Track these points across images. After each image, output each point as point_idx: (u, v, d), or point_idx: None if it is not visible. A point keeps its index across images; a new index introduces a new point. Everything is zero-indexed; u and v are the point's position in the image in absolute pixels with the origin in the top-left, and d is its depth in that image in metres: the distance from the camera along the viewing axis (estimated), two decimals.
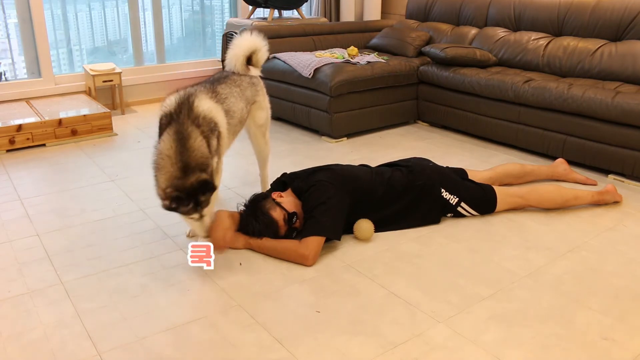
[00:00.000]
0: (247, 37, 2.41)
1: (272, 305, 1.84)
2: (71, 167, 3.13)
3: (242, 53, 2.39)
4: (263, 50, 2.46)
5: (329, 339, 1.67)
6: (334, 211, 2.16)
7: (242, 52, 2.39)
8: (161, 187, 1.89)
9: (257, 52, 2.44)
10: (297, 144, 3.58)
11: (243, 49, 2.39)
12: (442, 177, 2.44)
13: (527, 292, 1.92)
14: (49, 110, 3.74)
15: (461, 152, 3.40)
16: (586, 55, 3.40)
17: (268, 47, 2.50)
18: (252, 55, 2.43)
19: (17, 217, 2.49)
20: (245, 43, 2.40)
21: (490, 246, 2.25)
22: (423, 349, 1.63)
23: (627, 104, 2.82)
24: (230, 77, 2.35)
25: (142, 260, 2.12)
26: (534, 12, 3.79)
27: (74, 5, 4.38)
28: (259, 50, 2.44)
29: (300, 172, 2.41)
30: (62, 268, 2.06)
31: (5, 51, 4.15)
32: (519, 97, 3.28)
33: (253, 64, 2.47)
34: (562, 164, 2.92)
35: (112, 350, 1.62)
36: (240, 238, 2.20)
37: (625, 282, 1.99)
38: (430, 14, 4.52)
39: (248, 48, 2.40)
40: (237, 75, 2.38)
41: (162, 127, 1.98)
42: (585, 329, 1.73)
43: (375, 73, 3.67)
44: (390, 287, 1.94)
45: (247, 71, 2.43)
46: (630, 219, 2.50)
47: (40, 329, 1.71)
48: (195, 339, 1.67)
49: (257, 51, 2.44)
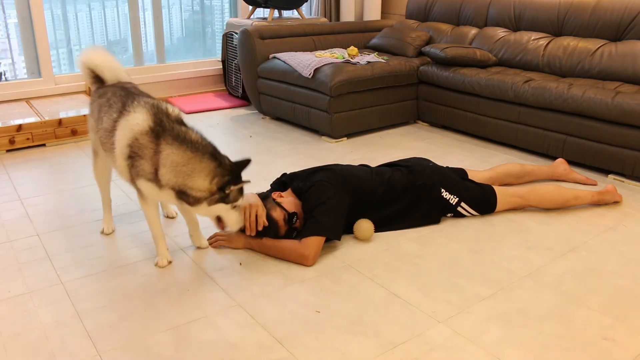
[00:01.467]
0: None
1: (272, 305, 1.84)
2: (71, 167, 3.13)
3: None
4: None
5: (329, 339, 1.67)
6: (334, 211, 2.16)
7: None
8: (202, 188, 1.82)
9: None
10: (297, 144, 3.58)
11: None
12: (442, 177, 2.44)
13: (527, 292, 1.92)
14: (49, 110, 3.74)
15: (461, 152, 3.40)
16: (586, 55, 3.40)
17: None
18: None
19: (17, 217, 2.49)
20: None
21: (490, 246, 2.25)
22: (423, 349, 1.63)
23: (627, 104, 2.82)
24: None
25: (142, 260, 2.12)
26: (534, 12, 3.79)
27: (74, 5, 4.38)
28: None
29: (300, 172, 2.41)
30: (62, 268, 2.06)
31: (5, 51, 4.15)
32: (519, 97, 3.28)
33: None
34: (562, 164, 2.92)
35: (112, 350, 1.61)
36: (240, 238, 2.20)
37: (625, 282, 1.99)
38: (430, 14, 4.52)
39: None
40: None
41: (143, 149, 1.83)
42: (585, 329, 1.73)
43: (375, 73, 3.67)
44: (390, 287, 1.94)
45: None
46: (630, 219, 2.50)
47: (40, 329, 1.71)
48: (195, 339, 1.67)
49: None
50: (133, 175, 1.90)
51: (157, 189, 1.88)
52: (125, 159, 1.88)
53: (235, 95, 4.77)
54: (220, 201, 1.86)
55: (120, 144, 1.88)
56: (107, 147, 1.98)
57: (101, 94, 2.11)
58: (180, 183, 1.83)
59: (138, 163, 1.86)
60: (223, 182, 1.83)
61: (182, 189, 1.84)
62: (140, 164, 1.85)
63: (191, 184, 1.82)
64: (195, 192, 1.83)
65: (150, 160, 1.84)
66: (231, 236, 2.21)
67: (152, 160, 1.83)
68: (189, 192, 1.84)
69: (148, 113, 1.87)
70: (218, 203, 1.87)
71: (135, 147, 1.85)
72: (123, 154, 1.88)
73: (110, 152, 1.97)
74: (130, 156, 1.86)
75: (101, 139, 2.02)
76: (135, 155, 1.85)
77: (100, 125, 2.03)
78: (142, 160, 1.85)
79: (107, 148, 1.99)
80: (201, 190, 1.83)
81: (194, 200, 1.85)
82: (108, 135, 1.96)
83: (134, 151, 1.85)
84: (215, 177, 1.83)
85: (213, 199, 1.85)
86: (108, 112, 1.98)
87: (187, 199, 1.86)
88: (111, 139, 1.93)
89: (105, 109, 2.01)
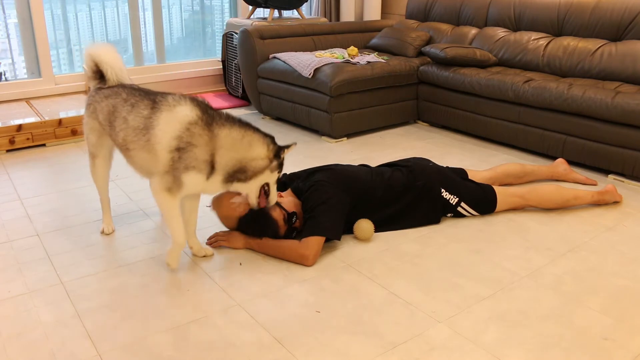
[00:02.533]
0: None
1: (272, 305, 1.84)
2: (71, 167, 3.13)
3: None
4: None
5: (329, 339, 1.67)
6: (334, 211, 2.16)
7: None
8: (262, 156, 1.95)
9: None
10: (297, 144, 3.58)
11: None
12: (442, 177, 2.44)
13: (527, 292, 1.92)
14: (49, 110, 3.74)
15: (461, 152, 3.40)
16: (586, 55, 3.40)
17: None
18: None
19: (17, 217, 2.49)
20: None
21: (490, 246, 2.25)
22: (423, 349, 1.63)
23: (627, 104, 2.82)
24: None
25: (142, 260, 2.12)
26: (534, 12, 3.79)
27: (74, 5, 4.38)
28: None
29: (300, 172, 2.41)
30: (62, 268, 2.06)
31: (5, 51, 4.15)
32: (519, 97, 3.28)
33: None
34: (562, 164, 2.92)
35: (112, 350, 1.62)
36: (240, 238, 2.20)
37: (625, 282, 1.99)
38: (430, 14, 4.52)
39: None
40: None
41: (197, 138, 1.87)
42: (585, 329, 1.73)
43: (375, 73, 3.67)
44: (390, 287, 1.94)
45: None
46: (630, 219, 2.50)
47: (40, 329, 1.71)
48: (195, 339, 1.67)
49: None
50: (180, 168, 1.88)
51: (204, 180, 1.91)
52: (171, 151, 1.87)
53: (235, 95, 4.77)
54: (278, 168, 2.01)
55: (166, 137, 1.88)
56: (137, 145, 1.96)
57: (109, 94, 2.07)
58: (242, 157, 1.92)
59: (190, 154, 1.86)
60: (276, 148, 1.98)
61: (241, 165, 1.93)
62: (193, 154, 1.87)
63: (253, 154, 1.94)
64: (257, 161, 1.95)
65: (206, 146, 1.88)
66: (231, 236, 2.21)
67: (209, 146, 1.88)
68: (249, 165, 1.94)
69: (192, 104, 1.93)
70: (275, 172, 2.00)
71: (187, 137, 1.86)
72: (170, 146, 1.87)
73: (142, 149, 1.94)
74: (179, 148, 1.87)
75: (127, 137, 1.98)
76: (187, 145, 1.86)
77: (122, 125, 1.99)
78: (196, 149, 1.87)
79: (136, 146, 1.96)
80: (262, 157, 1.95)
81: (254, 172, 1.95)
82: (139, 133, 1.94)
83: (185, 141, 1.86)
84: (269, 145, 1.97)
85: (274, 165, 1.99)
86: (132, 111, 1.97)
87: (245, 174, 1.94)
88: (145, 136, 1.92)
89: (127, 108, 1.99)
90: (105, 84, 2.15)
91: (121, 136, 2.00)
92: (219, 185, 1.96)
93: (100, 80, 2.16)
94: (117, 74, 2.15)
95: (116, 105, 2.03)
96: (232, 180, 1.95)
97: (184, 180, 1.89)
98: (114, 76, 2.15)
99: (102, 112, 2.09)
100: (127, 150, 2.01)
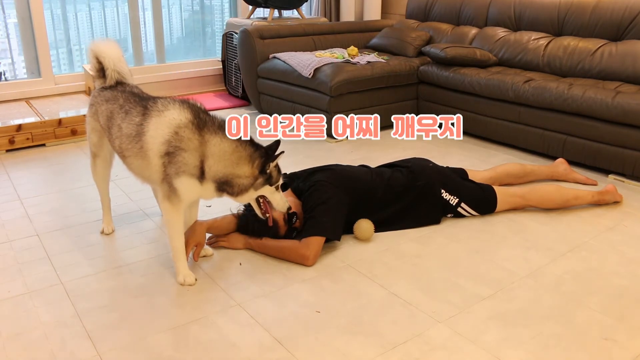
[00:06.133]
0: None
1: (272, 305, 1.84)
2: (71, 167, 3.13)
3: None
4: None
5: (329, 339, 1.67)
6: (334, 211, 2.16)
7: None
8: (247, 174, 1.86)
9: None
10: (297, 144, 3.58)
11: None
12: (442, 178, 2.44)
13: (527, 292, 1.92)
14: (48, 110, 3.74)
15: (461, 152, 3.40)
16: (586, 55, 3.40)
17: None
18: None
19: (17, 217, 2.49)
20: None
21: (490, 246, 2.24)
22: (423, 349, 1.62)
23: (627, 104, 2.82)
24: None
25: (142, 260, 2.12)
26: (534, 12, 3.78)
27: (74, 5, 4.38)
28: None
29: (300, 172, 2.41)
30: (61, 268, 2.06)
31: (5, 51, 4.15)
32: (519, 97, 3.27)
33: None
34: (562, 164, 2.92)
35: (112, 350, 1.61)
36: (240, 238, 2.20)
37: (625, 282, 1.99)
38: (430, 14, 4.52)
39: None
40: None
41: (186, 141, 1.82)
42: (585, 329, 1.73)
43: (375, 73, 3.67)
44: (390, 287, 1.94)
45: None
46: (630, 219, 2.50)
47: (40, 329, 1.71)
48: (195, 339, 1.67)
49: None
50: (171, 173, 1.84)
51: (199, 185, 1.86)
52: (161, 157, 1.84)
53: (235, 95, 4.77)
54: (265, 183, 1.90)
55: (155, 142, 1.85)
56: (132, 152, 1.94)
57: (109, 98, 2.06)
58: (228, 172, 1.85)
59: (180, 158, 1.82)
60: (261, 163, 1.87)
61: (228, 179, 1.86)
62: (183, 158, 1.82)
63: (239, 172, 1.85)
64: (242, 179, 1.86)
65: (195, 151, 1.82)
66: (231, 237, 2.21)
67: (198, 152, 1.83)
68: (235, 181, 1.86)
69: (182, 107, 1.88)
70: (264, 186, 1.90)
71: (176, 141, 1.82)
72: (159, 151, 1.84)
73: (136, 156, 1.92)
74: (169, 152, 1.83)
75: (122, 145, 1.97)
76: (176, 149, 1.82)
77: (117, 132, 1.98)
78: (185, 154, 1.82)
79: (131, 153, 1.94)
80: (247, 176, 1.86)
81: (239, 190, 1.88)
82: (132, 141, 1.91)
83: (174, 145, 1.82)
84: (255, 160, 1.86)
85: (259, 183, 1.89)
86: (126, 118, 1.95)
87: (231, 189, 1.88)
88: (138, 143, 1.89)
89: (122, 115, 1.97)
90: (106, 84, 2.14)
91: (117, 143, 2.00)
92: (213, 192, 1.91)
93: (105, 80, 2.15)
94: (115, 64, 2.11)
95: (113, 111, 2.02)
96: (223, 191, 1.90)
97: (177, 186, 1.85)
98: (112, 65, 2.10)
99: (102, 116, 2.09)
100: (124, 157, 2.01)
